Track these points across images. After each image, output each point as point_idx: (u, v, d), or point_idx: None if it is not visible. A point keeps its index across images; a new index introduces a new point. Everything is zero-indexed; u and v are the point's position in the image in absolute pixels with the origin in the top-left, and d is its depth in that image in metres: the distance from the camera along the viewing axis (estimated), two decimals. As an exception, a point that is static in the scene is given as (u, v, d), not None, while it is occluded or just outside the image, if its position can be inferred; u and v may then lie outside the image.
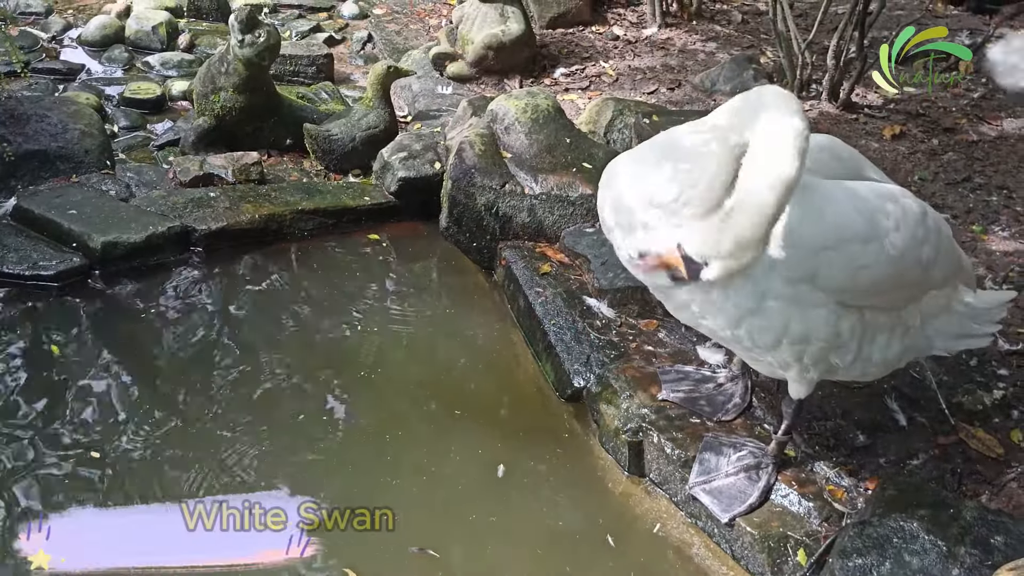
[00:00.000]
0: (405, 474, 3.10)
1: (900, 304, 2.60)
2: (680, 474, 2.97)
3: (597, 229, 3.95)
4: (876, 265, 2.42)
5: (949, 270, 2.69)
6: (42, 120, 4.49)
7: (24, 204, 4.07)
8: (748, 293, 2.39)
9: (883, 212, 2.45)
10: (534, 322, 3.62)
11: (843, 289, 2.44)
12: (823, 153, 2.64)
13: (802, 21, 5.80)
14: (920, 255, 2.52)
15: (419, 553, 2.83)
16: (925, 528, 2.49)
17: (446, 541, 2.88)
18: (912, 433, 3.03)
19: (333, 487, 3.03)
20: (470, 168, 4.09)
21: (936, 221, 2.61)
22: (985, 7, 6.34)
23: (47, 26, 6.25)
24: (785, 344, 2.49)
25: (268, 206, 4.25)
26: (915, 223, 2.50)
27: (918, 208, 2.55)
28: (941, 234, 2.62)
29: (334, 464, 3.14)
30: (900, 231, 2.45)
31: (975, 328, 2.79)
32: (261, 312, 3.86)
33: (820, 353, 2.52)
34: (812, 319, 2.44)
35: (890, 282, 2.50)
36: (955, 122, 4.94)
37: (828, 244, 2.38)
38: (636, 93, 5.30)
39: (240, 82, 4.73)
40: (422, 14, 6.77)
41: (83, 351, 3.55)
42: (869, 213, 2.44)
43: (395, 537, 2.85)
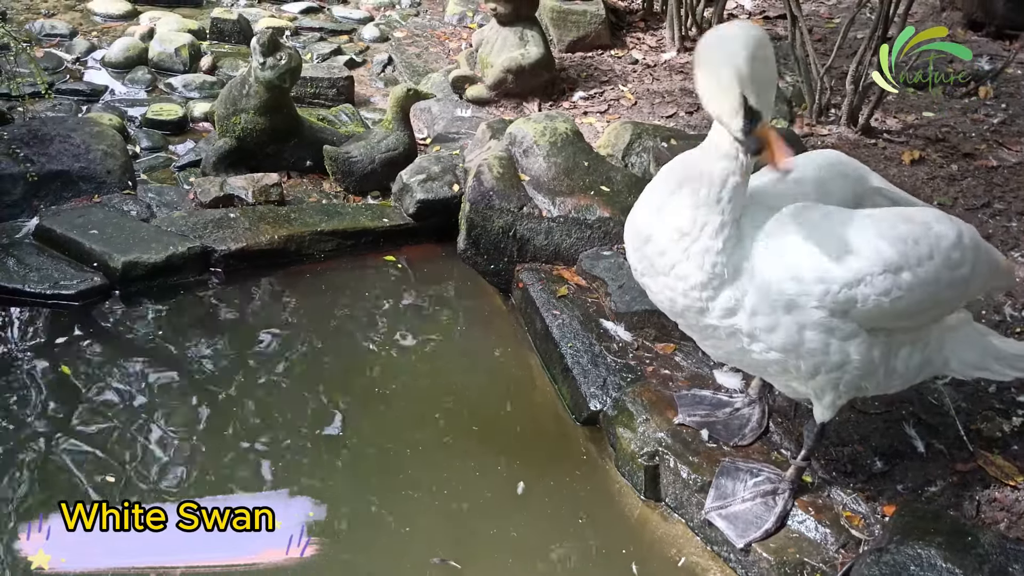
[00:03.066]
0: (424, 491, 3.12)
1: (930, 321, 2.63)
2: (696, 499, 2.97)
3: (614, 252, 3.96)
4: (909, 294, 2.43)
5: (986, 280, 2.72)
6: (65, 141, 4.53)
7: (46, 224, 4.11)
8: (787, 325, 2.44)
9: (914, 239, 2.45)
10: (551, 345, 3.63)
11: (876, 319, 2.47)
12: (829, 171, 2.67)
13: (821, 46, 5.82)
14: (955, 276, 2.52)
15: (441, 564, 2.86)
16: (943, 556, 2.47)
17: (465, 554, 2.91)
18: (930, 460, 3.01)
19: (354, 501, 3.07)
20: (488, 191, 4.11)
21: (972, 238, 2.59)
22: (1005, 32, 6.33)
23: (71, 48, 6.32)
24: (823, 372, 2.53)
25: (287, 227, 4.27)
26: (950, 247, 2.50)
27: (953, 233, 2.53)
28: (979, 250, 2.61)
29: (355, 479, 3.17)
30: (934, 259, 2.46)
31: (995, 367, 2.77)
32: (280, 333, 3.88)
33: (854, 380, 2.55)
34: (849, 348, 2.48)
35: (924, 306, 2.52)
36: (975, 147, 4.92)
37: (857, 279, 2.40)
38: (655, 117, 5.32)
39: (261, 104, 4.77)
40: (442, 37, 6.82)
41: (103, 369, 3.57)
42: (900, 243, 2.43)
43: (417, 548, 2.90)
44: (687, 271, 2.44)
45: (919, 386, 3.22)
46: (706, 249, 2.41)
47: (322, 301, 4.11)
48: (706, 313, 2.49)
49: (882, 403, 3.18)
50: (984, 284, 2.74)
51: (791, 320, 2.43)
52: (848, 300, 2.39)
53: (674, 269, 2.46)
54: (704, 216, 2.40)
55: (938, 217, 2.56)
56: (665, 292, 2.54)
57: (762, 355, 2.52)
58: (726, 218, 2.40)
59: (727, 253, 2.41)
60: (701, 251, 2.41)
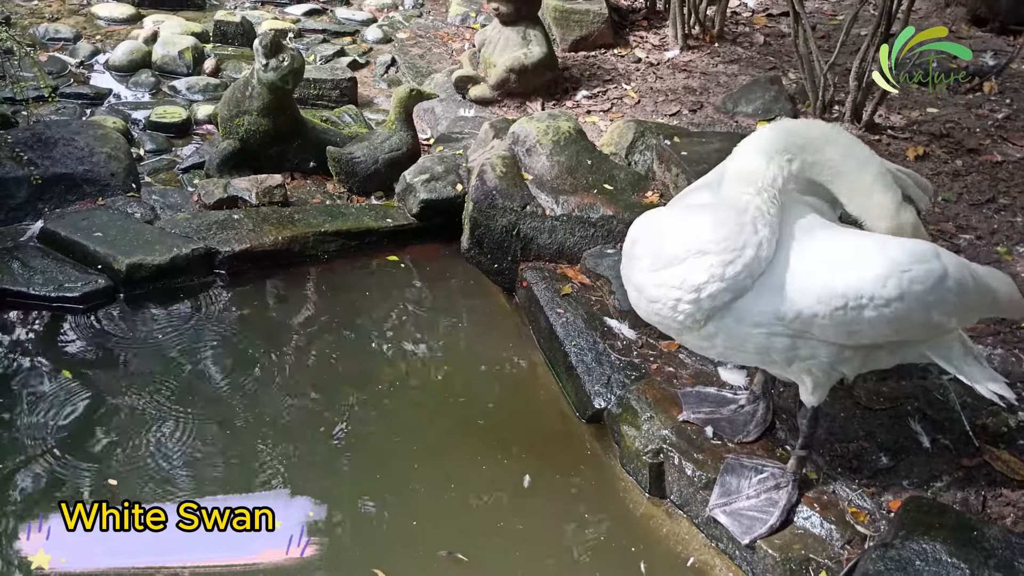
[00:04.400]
0: (429, 488, 3.13)
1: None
2: (701, 496, 2.96)
3: (618, 250, 3.94)
4: (870, 329, 2.44)
5: (975, 313, 2.69)
6: (69, 144, 4.54)
7: (51, 226, 4.12)
8: (755, 336, 2.49)
9: (885, 278, 2.39)
10: (555, 343, 3.62)
11: (838, 343, 2.50)
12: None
13: (824, 43, 5.81)
14: (929, 317, 2.48)
15: (448, 557, 2.87)
16: (948, 551, 2.46)
17: (471, 548, 2.93)
18: (936, 455, 3.00)
19: (361, 496, 3.09)
20: (491, 190, 4.11)
21: (959, 280, 2.48)
22: (1010, 28, 6.31)
23: (75, 51, 6.33)
24: (796, 362, 2.56)
25: (291, 228, 4.28)
26: (925, 291, 2.42)
27: (937, 270, 2.44)
28: (964, 291, 2.50)
29: (361, 475, 3.18)
30: (904, 301, 2.40)
31: (985, 385, 2.74)
32: (284, 333, 3.88)
33: (827, 368, 2.59)
34: (817, 349, 2.52)
35: (889, 337, 2.52)
36: (979, 143, 4.91)
37: (819, 309, 2.40)
38: (658, 115, 5.31)
39: (264, 106, 4.78)
40: (445, 38, 6.82)
41: (107, 371, 3.58)
42: (870, 276, 2.40)
43: (424, 540, 2.92)
44: (693, 280, 2.44)
45: (924, 382, 3.22)
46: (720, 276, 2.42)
47: (326, 302, 4.11)
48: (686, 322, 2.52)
49: (887, 398, 3.18)
50: (981, 315, 2.72)
51: (759, 331, 2.47)
52: (805, 325, 2.44)
53: (680, 272, 2.46)
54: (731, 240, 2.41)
55: (918, 256, 2.44)
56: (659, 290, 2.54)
57: (735, 354, 2.63)
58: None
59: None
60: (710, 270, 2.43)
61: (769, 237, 2.40)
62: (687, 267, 2.43)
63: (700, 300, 2.43)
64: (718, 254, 2.39)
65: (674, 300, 2.47)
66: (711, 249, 2.40)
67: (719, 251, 2.39)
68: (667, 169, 4.28)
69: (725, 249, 2.39)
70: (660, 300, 2.50)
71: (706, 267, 2.40)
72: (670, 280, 2.46)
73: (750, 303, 2.44)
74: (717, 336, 2.52)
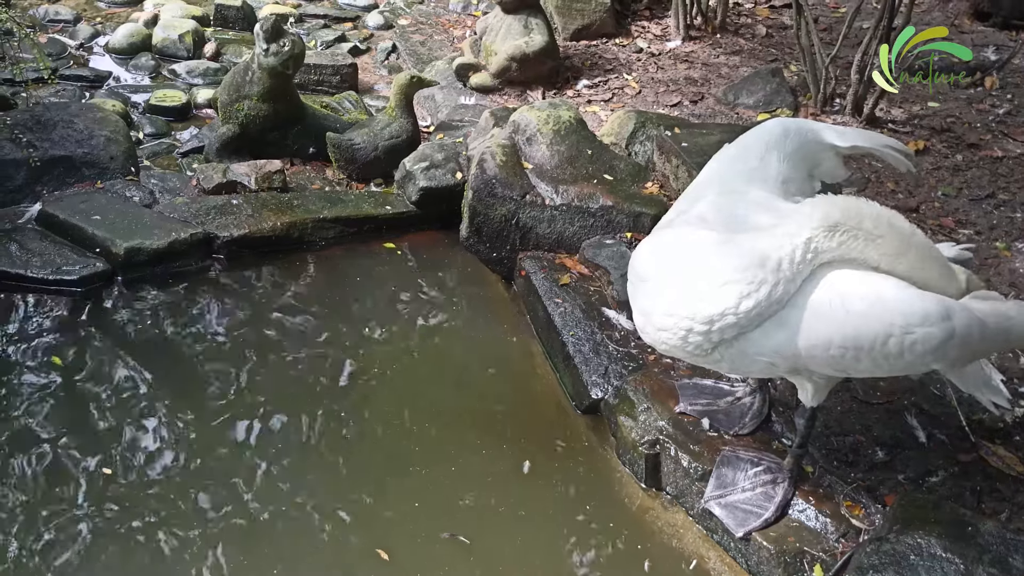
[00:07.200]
0: (426, 475, 3.16)
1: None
2: (697, 488, 2.97)
3: (617, 240, 3.96)
4: (869, 370, 2.46)
5: (981, 356, 2.69)
6: (68, 126, 4.53)
7: (49, 209, 4.12)
8: (762, 362, 2.51)
9: (887, 336, 2.36)
10: (553, 333, 3.62)
11: (831, 376, 2.55)
12: (790, 162, 2.71)
13: (826, 35, 5.79)
14: (928, 366, 2.48)
15: (450, 539, 2.91)
16: (943, 546, 2.47)
17: (472, 532, 2.96)
18: (932, 450, 3.00)
19: (362, 480, 3.12)
20: (491, 179, 4.10)
21: (964, 338, 2.40)
22: (1012, 23, 6.29)
23: (75, 34, 6.31)
24: (798, 376, 2.62)
25: (290, 214, 4.27)
26: (925, 352, 2.38)
27: (940, 336, 2.36)
28: (967, 345, 2.44)
29: (361, 461, 3.20)
30: (903, 358, 2.38)
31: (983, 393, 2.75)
32: (282, 319, 3.88)
33: (828, 379, 2.63)
34: (820, 371, 2.55)
35: (887, 375, 2.58)
36: (980, 138, 4.90)
37: (817, 353, 2.42)
38: (659, 106, 5.30)
39: (264, 91, 4.76)
40: (447, 25, 6.80)
41: (104, 355, 3.58)
42: (870, 333, 2.37)
43: (426, 523, 2.96)
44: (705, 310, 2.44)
45: (921, 377, 3.22)
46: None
47: (324, 288, 4.11)
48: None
49: (884, 393, 3.18)
50: (989, 355, 2.76)
51: (763, 359, 2.50)
52: (805, 362, 2.47)
53: (692, 303, 2.45)
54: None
55: (925, 318, 2.36)
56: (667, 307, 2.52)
57: (739, 372, 2.74)
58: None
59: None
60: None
61: (790, 278, 2.37)
62: (701, 298, 2.41)
63: (711, 333, 2.42)
64: (737, 285, 2.37)
65: (684, 331, 2.45)
66: (733, 279, 2.38)
67: (739, 282, 2.37)
68: (667, 160, 4.27)
69: (744, 281, 2.37)
70: (669, 329, 2.48)
71: (721, 300, 2.38)
72: (681, 311, 2.44)
73: (757, 337, 2.43)
74: (723, 361, 2.53)
